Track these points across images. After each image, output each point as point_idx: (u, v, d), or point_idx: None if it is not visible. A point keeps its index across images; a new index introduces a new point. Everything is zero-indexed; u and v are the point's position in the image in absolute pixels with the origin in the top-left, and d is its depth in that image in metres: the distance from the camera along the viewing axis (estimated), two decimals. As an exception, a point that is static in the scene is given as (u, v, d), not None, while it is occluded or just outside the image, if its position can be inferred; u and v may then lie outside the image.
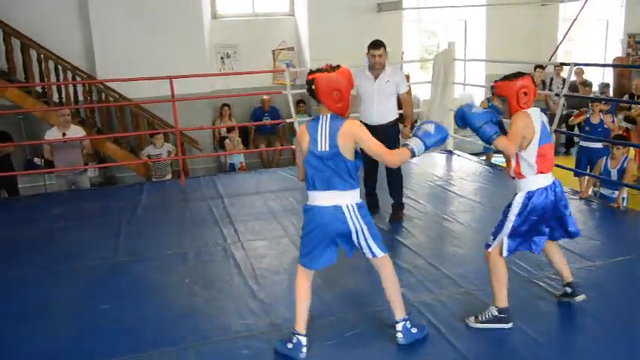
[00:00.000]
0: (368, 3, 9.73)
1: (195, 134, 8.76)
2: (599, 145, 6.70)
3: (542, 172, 2.96)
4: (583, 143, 7.11)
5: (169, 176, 7.61)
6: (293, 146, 8.27)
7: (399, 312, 2.93)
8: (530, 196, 2.95)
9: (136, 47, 8.48)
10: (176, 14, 8.70)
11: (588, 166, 6.73)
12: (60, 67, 7.91)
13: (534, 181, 2.96)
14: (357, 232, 2.78)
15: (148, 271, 4.07)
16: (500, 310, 3.03)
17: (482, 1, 10.53)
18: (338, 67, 2.78)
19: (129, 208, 5.52)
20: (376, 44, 4.73)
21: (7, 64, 7.71)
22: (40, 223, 5.24)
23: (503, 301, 3.03)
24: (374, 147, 2.75)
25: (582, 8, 10.11)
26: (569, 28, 10.41)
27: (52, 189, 7.29)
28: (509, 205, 3.01)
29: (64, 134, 6.24)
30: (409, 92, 5.02)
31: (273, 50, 9.81)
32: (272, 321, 3.25)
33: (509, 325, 3.03)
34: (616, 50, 12.15)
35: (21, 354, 3.07)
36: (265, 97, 9.25)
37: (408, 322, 2.93)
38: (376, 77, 4.77)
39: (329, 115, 2.76)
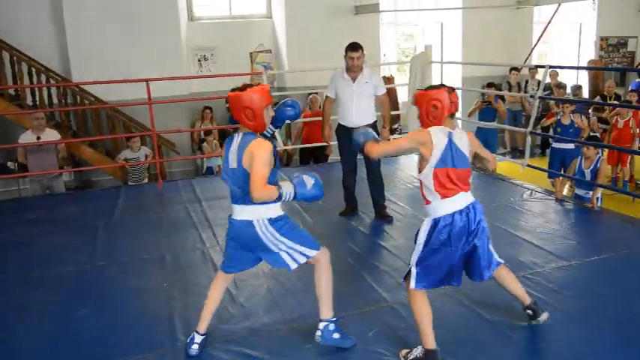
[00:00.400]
0: (345, 5, 9.77)
1: (173, 137, 8.69)
2: (571, 145, 6.81)
3: (446, 197, 2.71)
4: (555, 144, 7.23)
5: (146, 180, 7.54)
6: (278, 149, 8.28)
7: (326, 312, 2.90)
8: (435, 223, 2.73)
9: (111, 49, 8.38)
10: (152, 16, 8.62)
11: (562, 167, 6.83)
12: (33, 70, 7.78)
13: (441, 207, 2.72)
14: (276, 245, 2.79)
15: (125, 275, 4.02)
16: (426, 353, 2.76)
17: (458, 4, 10.64)
18: (254, 85, 2.77)
19: (105, 212, 5.45)
20: (354, 47, 4.74)
21: (-21, 67, 7.57)
22: (14, 228, 5.16)
23: (428, 342, 2.74)
24: (256, 174, 2.60)
25: (556, 11, 10.30)
26: (544, 31, 10.60)
27: (26, 193, 7.18)
28: (417, 232, 2.82)
29: (38, 138, 6.14)
30: (386, 94, 5.03)
31: (251, 53, 9.78)
32: (251, 325, 3.23)
33: None
34: (589, 53, 12.38)
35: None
36: (243, 99, 9.20)
37: (333, 324, 2.91)
38: (354, 79, 4.80)
39: (242, 133, 2.78)
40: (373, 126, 4.87)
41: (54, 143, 6.28)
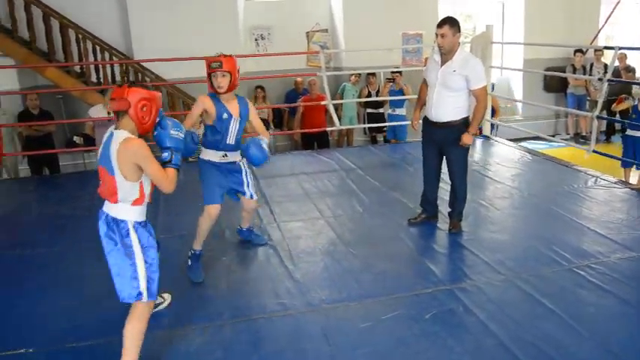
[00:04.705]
0: (404, -16, 9.58)
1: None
2: None
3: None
4: (630, 132, 6.82)
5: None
6: (328, 129, 8.24)
7: None
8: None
9: (171, 28, 8.54)
10: (211, -5, 8.72)
11: (635, 156, 6.50)
12: (98, 48, 8.02)
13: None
14: None
15: (184, 248, 4.09)
16: None
17: (521, -17, 10.28)
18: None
19: (165, 187, 5.58)
20: (440, 22, 3.89)
21: (47, 45, 7.85)
22: (79, 201, 5.36)
23: None
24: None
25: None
26: (612, 12, 10.09)
27: (92, 167, 7.44)
28: None
29: (109, 113, 6.36)
30: (485, 89, 3.99)
31: (307, 32, 9.76)
32: (308, 301, 3.26)
33: None
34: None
35: (57, 324, 3.15)
36: (299, 79, 9.22)
37: None
38: (443, 63, 3.97)
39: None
40: (460, 125, 4.03)
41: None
